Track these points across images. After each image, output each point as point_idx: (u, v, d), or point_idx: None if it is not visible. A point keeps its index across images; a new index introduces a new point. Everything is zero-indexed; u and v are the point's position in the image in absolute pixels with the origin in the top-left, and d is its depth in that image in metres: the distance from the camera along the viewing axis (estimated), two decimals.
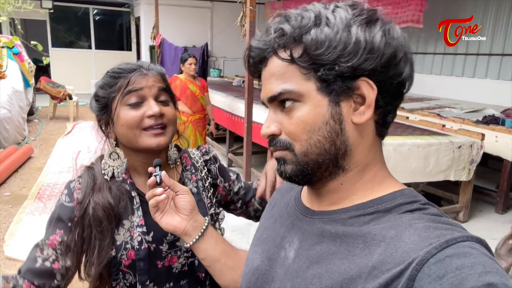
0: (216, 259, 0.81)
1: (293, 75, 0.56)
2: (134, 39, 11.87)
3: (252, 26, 3.31)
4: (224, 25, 10.17)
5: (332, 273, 0.54)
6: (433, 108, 5.19)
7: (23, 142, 6.02)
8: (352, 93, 0.55)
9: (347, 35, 0.53)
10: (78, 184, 0.96)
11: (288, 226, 0.67)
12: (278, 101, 0.59)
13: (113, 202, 0.92)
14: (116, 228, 0.93)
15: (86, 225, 0.91)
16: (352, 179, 0.60)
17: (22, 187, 4.34)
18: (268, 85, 0.59)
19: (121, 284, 0.94)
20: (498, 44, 6.04)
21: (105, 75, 0.98)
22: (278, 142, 0.60)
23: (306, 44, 0.54)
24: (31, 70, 7.12)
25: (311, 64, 0.55)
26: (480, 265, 0.43)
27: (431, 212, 0.54)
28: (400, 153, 3.16)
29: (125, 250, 0.92)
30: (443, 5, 6.41)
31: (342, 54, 0.53)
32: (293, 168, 0.59)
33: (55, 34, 11.47)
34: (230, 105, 5.06)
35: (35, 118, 7.84)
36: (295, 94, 0.56)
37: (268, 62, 0.59)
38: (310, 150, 0.57)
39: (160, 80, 0.97)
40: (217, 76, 9.41)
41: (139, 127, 0.92)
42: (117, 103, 0.93)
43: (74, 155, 5.48)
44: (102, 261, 0.90)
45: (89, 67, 11.50)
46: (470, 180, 3.63)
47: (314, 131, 0.56)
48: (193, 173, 1.07)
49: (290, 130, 0.57)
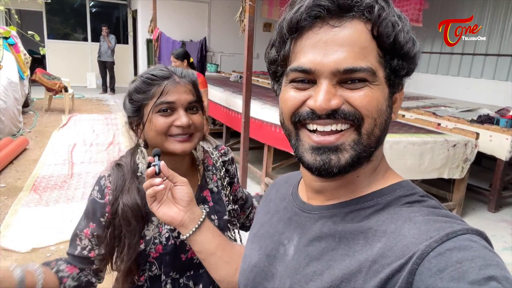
0: (212, 252, 0.80)
1: (372, 53, 0.52)
2: (131, 32, 11.78)
3: (251, 21, 3.30)
4: (221, 21, 10.13)
5: (332, 269, 0.53)
6: (429, 107, 5.23)
7: (18, 133, 5.97)
8: (397, 91, 0.57)
9: (413, 37, 0.54)
10: (108, 183, 1.00)
11: (286, 221, 0.66)
12: (346, 77, 0.52)
13: (141, 203, 0.96)
14: (146, 225, 1.00)
15: (116, 224, 0.98)
16: (368, 172, 0.59)
17: (17, 178, 4.32)
18: (341, 52, 0.51)
19: (146, 274, 1.02)
20: (494, 45, 6.08)
21: (139, 79, 1.02)
22: (343, 113, 0.52)
23: (397, 28, 0.52)
24: (26, 62, 7.05)
25: (393, 50, 0.53)
26: (481, 258, 0.43)
27: (430, 204, 0.54)
28: (395, 151, 3.19)
29: (153, 244, 1.00)
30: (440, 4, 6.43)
31: (410, 52, 0.54)
32: (351, 154, 0.53)
33: (51, 26, 11.35)
34: (227, 100, 5.06)
35: (30, 110, 7.77)
36: (374, 75, 0.52)
37: (345, 24, 0.51)
38: (375, 131, 0.54)
39: (191, 90, 1.02)
40: (214, 71, 9.39)
41: (166, 134, 0.98)
42: (150, 110, 0.98)
43: (70, 147, 5.45)
44: (131, 257, 0.97)
45: (85, 60, 11.40)
46: (463, 178, 3.66)
47: (382, 112, 0.54)
48: (214, 173, 1.13)
49: (364, 104, 0.52)
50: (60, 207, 3.63)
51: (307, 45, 0.53)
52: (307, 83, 0.54)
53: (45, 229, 3.18)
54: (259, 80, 7.34)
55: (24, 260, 2.78)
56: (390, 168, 0.62)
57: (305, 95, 0.54)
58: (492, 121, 4.14)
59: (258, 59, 10.37)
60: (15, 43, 6.65)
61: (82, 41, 11.85)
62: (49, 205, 3.66)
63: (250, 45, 3.34)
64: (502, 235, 3.50)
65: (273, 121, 3.84)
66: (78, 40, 12.07)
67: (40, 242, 2.99)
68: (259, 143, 4.30)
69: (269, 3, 9.00)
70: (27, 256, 2.83)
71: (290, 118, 0.56)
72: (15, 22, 7.69)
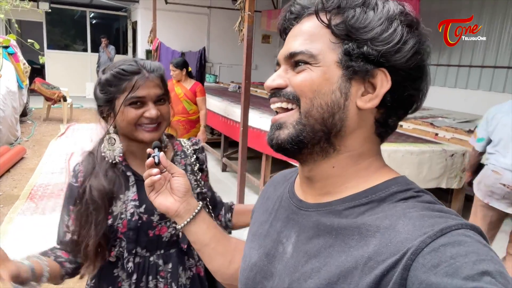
0: (206, 243, 0.81)
1: (322, 39, 0.57)
2: (131, 43, 11.87)
3: (250, 31, 3.32)
4: (220, 32, 10.23)
5: (329, 266, 0.53)
6: (426, 118, 5.25)
7: (15, 142, 5.96)
8: (367, 78, 0.56)
9: (388, 24, 0.55)
10: (81, 167, 1.11)
11: (283, 220, 0.66)
12: (293, 61, 0.59)
13: (107, 185, 1.06)
14: (114, 201, 1.08)
15: (84, 203, 1.06)
16: (344, 164, 0.59)
17: (13, 187, 4.30)
18: (293, 42, 0.60)
19: (116, 249, 1.09)
20: (490, 56, 6.15)
21: (110, 73, 1.08)
22: (284, 93, 0.60)
23: (348, 16, 0.56)
24: (26, 71, 7.07)
25: (344, 35, 0.56)
26: (475, 253, 0.43)
27: (425, 199, 0.54)
28: (394, 160, 3.19)
29: (120, 219, 1.07)
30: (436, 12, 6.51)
31: (376, 37, 0.55)
32: (290, 132, 0.59)
33: (50, 37, 11.43)
34: (226, 110, 5.07)
35: (28, 119, 7.77)
36: (314, 58, 0.57)
37: (303, 20, 0.61)
38: (312, 112, 0.57)
39: (159, 84, 1.10)
40: (213, 82, 9.43)
41: (136, 124, 1.06)
42: (122, 102, 1.06)
43: (67, 156, 5.43)
44: (98, 232, 1.04)
45: (85, 70, 11.46)
46: (462, 188, 3.66)
47: (319, 93, 0.57)
48: (182, 158, 1.22)
49: (297, 83, 0.58)
50: (56, 215, 3.58)
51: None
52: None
53: (41, 238, 3.15)
54: (257, 90, 7.37)
55: None
56: (385, 166, 0.62)
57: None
58: None
59: (256, 70, 10.45)
60: (14, 53, 6.68)
61: (82, 52, 11.92)
62: (45, 214, 3.64)
63: (249, 54, 3.36)
64: (501, 246, 3.48)
65: None
66: (77, 50, 12.15)
67: (35, 251, 2.95)
68: (258, 153, 4.30)
69: (268, 15, 9.10)
70: None
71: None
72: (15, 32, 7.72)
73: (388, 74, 0.56)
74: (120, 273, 1.11)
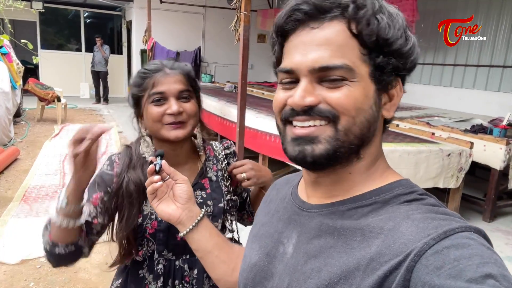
0: (209, 251, 0.80)
1: (352, 51, 0.54)
2: (125, 42, 11.81)
3: (246, 31, 3.31)
4: (216, 31, 10.19)
5: (330, 266, 0.53)
6: (422, 117, 5.26)
7: (9, 143, 5.90)
8: (391, 88, 0.57)
9: (404, 34, 0.55)
10: (117, 159, 1.11)
11: (285, 221, 0.66)
12: (322, 75, 0.54)
13: (143, 179, 1.02)
14: (145, 200, 1.06)
15: (119, 195, 1.06)
16: (361, 170, 0.59)
17: (7, 189, 4.25)
18: (318, 52, 0.53)
19: (144, 249, 1.09)
20: (485, 56, 6.17)
21: (136, 74, 1.11)
22: (318, 111, 0.54)
23: (381, 25, 0.53)
24: (19, 71, 7.00)
25: (375, 47, 0.54)
26: (478, 256, 0.43)
27: (429, 202, 0.54)
28: (391, 160, 3.17)
29: (150, 219, 1.07)
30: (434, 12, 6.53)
31: (400, 49, 0.54)
32: (327, 147, 0.55)
33: (44, 37, 11.33)
34: (222, 110, 5.05)
35: (22, 120, 7.70)
36: (352, 72, 0.53)
37: (324, 25, 0.54)
38: (353, 129, 0.54)
39: (181, 80, 1.08)
40: (209, 82, 9.41)
41: (161, 122, 1.05)
42: (146, 101, 1.07)
43: (62, 157, 5.39)
44: (129, 226, 1.04)
45: (79, 70, 11.37)
46: (458, 188, 3.67)
47: (362, 110, 0.54)
48: (215, 163, 1.20)
49: (340, 102, 0.53)
50: None
51: (290, 47, 0.57)
52: (294, 83, 0.57)
53: (35, 240, 3.11)
54: (254, 90, 7.35)
55: (12, 272, 2.71)
56: (389, 167, 0.63)
57: (289, 94, 0.57)
58: (486, 131, 4.17)
59: (252, 69, 10.43)
60: (7, 53, 6.62)
61: (76, 51, 11.84)
62: (40, 216, 3.59)
63: (245, 54, 3.35)
64: (497, 245, 3.50)
65: (268, 130, 3.83)
66: (71, 50, 12.06)
67: (29, 254, 2.92)
68: (254, 153, 4.28)
69: (263, 15, 9.09)
70: (16, 268, 2.76)
71: (279, 117, 0.60)
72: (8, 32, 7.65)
73: (401, 82, 0.58)
74: (146, 274, 1.10)
